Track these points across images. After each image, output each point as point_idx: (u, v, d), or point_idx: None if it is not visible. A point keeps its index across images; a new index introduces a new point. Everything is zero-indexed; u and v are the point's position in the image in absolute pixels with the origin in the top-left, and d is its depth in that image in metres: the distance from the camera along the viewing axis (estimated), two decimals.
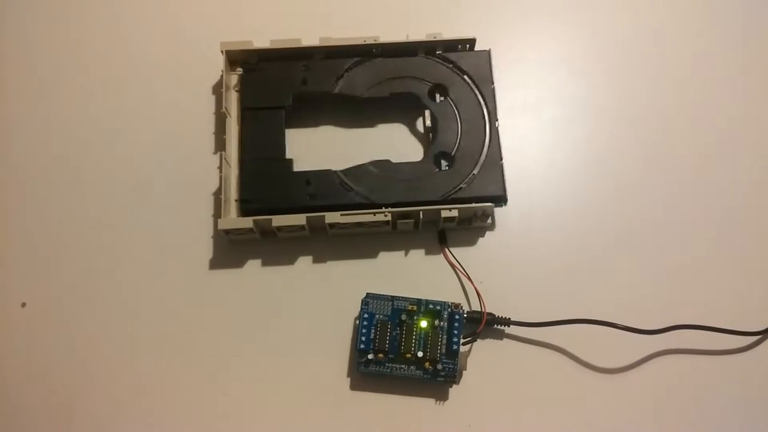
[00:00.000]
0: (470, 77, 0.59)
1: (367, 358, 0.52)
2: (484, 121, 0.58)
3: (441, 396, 0.53)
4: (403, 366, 0.52)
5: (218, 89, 0.61)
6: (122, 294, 0.56)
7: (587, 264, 0.57)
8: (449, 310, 0.53)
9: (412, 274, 0.57)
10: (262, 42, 0.59)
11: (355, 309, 0.54)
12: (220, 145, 0.58)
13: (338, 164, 0.57)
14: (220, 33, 0.61)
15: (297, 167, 0.57)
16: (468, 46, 0.60)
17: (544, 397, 0.54)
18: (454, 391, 0.53)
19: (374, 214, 0.55)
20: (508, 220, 0.58)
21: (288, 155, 0.57)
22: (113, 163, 0.60)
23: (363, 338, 0.52)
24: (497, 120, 0.58)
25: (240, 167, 0.57)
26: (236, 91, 0.60)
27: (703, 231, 0.59)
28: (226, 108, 0.58)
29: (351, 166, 0.56)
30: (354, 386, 0.53)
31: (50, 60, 0.63)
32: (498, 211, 0.57)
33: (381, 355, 0.52)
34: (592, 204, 0.59)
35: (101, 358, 0.54)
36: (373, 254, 0.58)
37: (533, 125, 0.61)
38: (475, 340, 0.54)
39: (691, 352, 0.55)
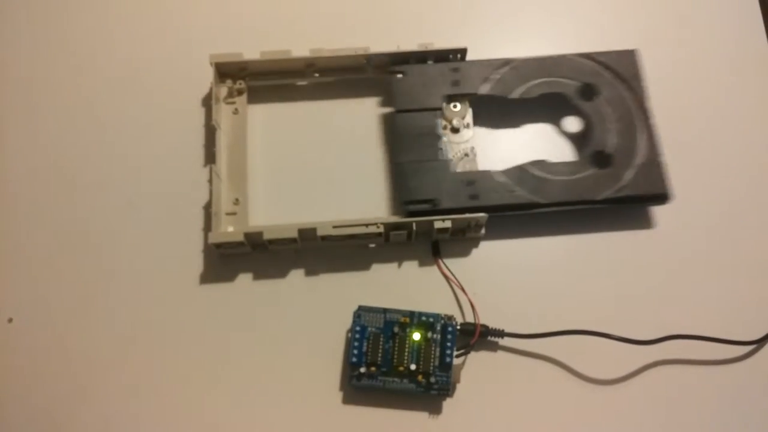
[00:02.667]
0: (619, 76, 0.61)
1: (360, 372, 0.52)
2: (638, 119, 0.59)
3: (434, 409, 0.54)
4: (395, 379, 0.52)
5: (208, 102, 0.62)
6: (111, 309, 0.56)
7: (581, 275, 0.58)
8: (442, 322, 0.54)
9: (406, 286, 0.58)
10: (251, 54, 0.60)
11: (348, 321, 0.54)
12: (210, 158, 0.59)
13: (490, 165, 0.58)
14: (209, 45, 0.62)
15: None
16: (459, 55, 0.61)
17: (539, 409, 0.54)
18: (447, 404, 0.54)
19: (366, 225, 0.55)
20: (502, 231, 0.59)
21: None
22: (101, 176, 0.60)
23: (355, 351, 0.53)
24: (651, 118, 0.59)
25: (396, 169, 0.58)
26: (226, 103, 0.61)
27: (698, 240, 0.60)
28: (216, 120, 0.58)
29: (510, 167, 0.58)
30: (346, 400, 0.54)
31: (38, 73, 0.64)
32: (490, 222, 0.58)
33: (373, 368, 0.52)
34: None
35: (90, 374, 0.55)
36: (365, 266, 0.58)
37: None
38: (469, 353, 0.54)
39: (686, 362, 0.55)
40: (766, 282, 0.59)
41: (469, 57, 0.61)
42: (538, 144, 0.62)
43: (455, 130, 0.60)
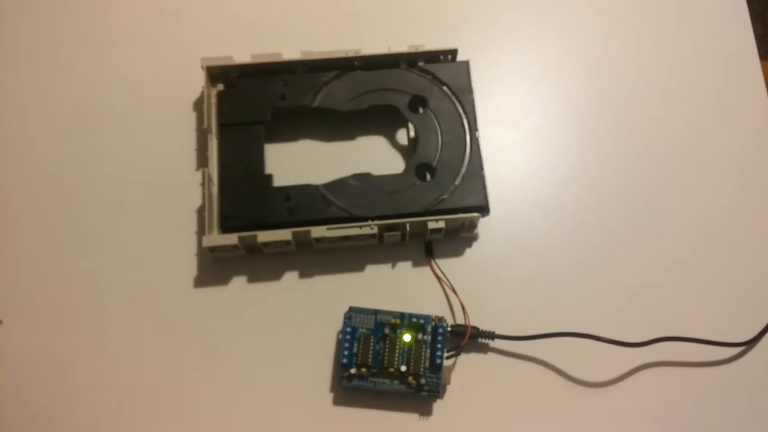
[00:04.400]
0: (449, 88, 0.61)
1: (350, 373, 0.53)
2: (465, 131, 0.60)
3: (425, 411, 0.55)
4: (386, 380, 0.54)
5: (199, 105, 0.63)
6: (104, 312, 0.57)
7: (571, 276, 0.59)
8: (433, 323, 0.55)
9: (399, 287, 0.59)
10: (242, 57, 0.60)
11: (341, 323, 0.55)
12: (203, 162, 0.60)
13: (319, 178, 0.58)
14: (200, 49, 0.62)
15: (277, 182, 0.59)
16: (450, 56, 0.62)
17: (529, 411, 0.55)
18: (437, 405, 0.55)
19: (360, 227, 0.56)
20: (492, 232, 0.60)
21: (268, 170, 0.59)
22: (94, 180, 0.61)
23: (345, 352, 0.54)
24: (477, 130, 0.60)
25: (219, 184, 0.58)
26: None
27: (687, 242, 0.61)
28: (208, 124, 0.59)
29: (332, 180, 0.58)
30: (337, 401, 0.55)
31: (30, 77, 0.64)
32: (482, 223, 0.59)
33: (364, 369, 0.53)
34: (576, 216, 0.61)
35: (81, 377, 0.56)
36: (359, 268, 0.59)
37: (515, 136, 0.63)
38: (459, 354, 0.56)
39: (677, 364, 0.56)
40: (756, 283, 0.59)
41: (459, 58, 0.62)
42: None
43: None
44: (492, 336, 0.55)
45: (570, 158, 0.63)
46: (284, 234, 0.56)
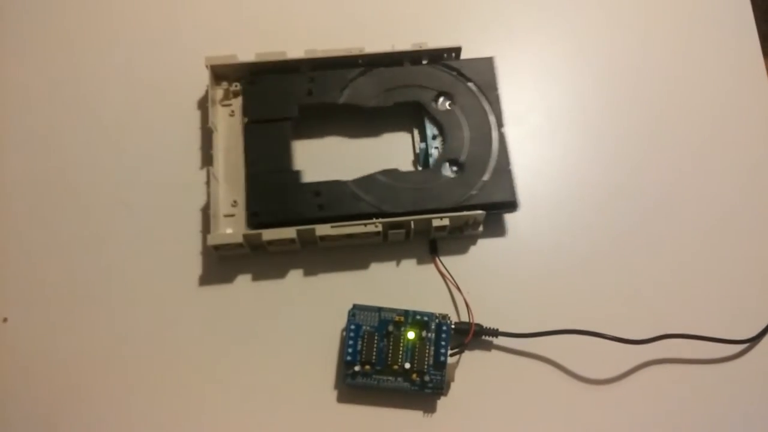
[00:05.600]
0: (475, 84, 0.62)
1: (354, 370, 0.54)
2: (491, 127, 0.61)
3: (429, 408, 0.55)
4: (390, 378, 0.54)
5: (204, 104, 0.63)
6: (109, 311, 0.58)
7: (575, 274, 0.60)
8: (437, 321, 0.55)
9: (404, 285, 0.59)
10: (247, 56, 0.61)
11: (345, 321, 0.56)
12: (207, 160, 0.61)
13: (346, 174, 0.59)
14: (204, 48, 0.63)
15: (305, 179, 0.59)
16: (453, 54, 0.63)
17: (533, 408, 0.56)
18: (441, 402, 0.55)
19: (365, 224, 0.57)
20: (497, 229, 0.61)
21: (295, 167, 0.60)
22: (99, 179, 0.62)
23: (350, 350, 0.54)
24: (503, 126, 0.60)
25: (247, 180, 0.59)
26: (222, 105, 0.62)
27: (691, 240, 0.61)
28: (212, 123, 0.60)
29: (359, 176, 0.59)
30: (341, 398, 0.56)
31: (36, 75, 0.65)
32: (486, 221, 0.60)
33: (368, 367, 0.54)
34: (580, 214, 0.62)
35: (86, 375, 0.56)
36: (364, 265, 0.60)
37: (518, 134, 0.63)
38: (463, 352, 0.56)
39: (680, 361, 0.57)
40: (759, 281, 0.60)
41: (463, 56, 0.63)
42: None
43: None
44: (496, 333, 0.56)
45: (573, 157, 0.64)
46: (289, 232, 0.56)
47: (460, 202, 0.58)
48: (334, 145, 0.63)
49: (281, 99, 0.61)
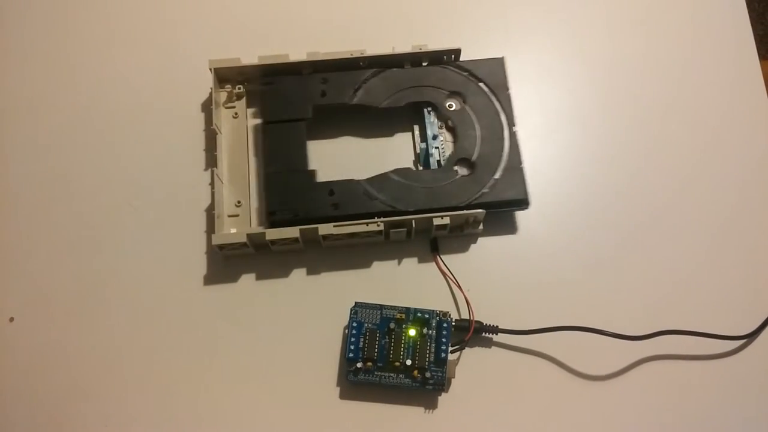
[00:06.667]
0: (486, 84, 0.63)
1: (356, 367, 0.55)
2: (503, 126, 0.62)
3: (430, 404, 0.56)
4: (391, 374, 0.55)
5: (208, 106, 0.64)
6: (115, 310, 0.59)
7: (574, 270, 0.61)
8: (437, 318, 0.56)
9: (405, 283, 0.60)
10: (249, 59, 0.62)
11: (347, 318, 0.57)
12: (212, 162, 0.62)
13: (359, 174, 0.60)
14: (208, 51, 0.65)
15: (320, 178, 0.60)
16: (453, 56, 0.64)
17: (533, 404, 0.57)
18: (442, 399, 0.56)
19: (367, 224, 0.58)
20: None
21: (310, 166, 0.61)
22: (104, 181, 0.63)
23: (351, 347, 0.55)
24: (515, 125, 0.62)
25: (265, 179, 0.60)
26: (226, 107, 0.64)
27: (689, 237, 0.62)
28: (216, 125, 0.61)
29: (372, 175, 0.60)
30: (343, 395, 0.57)
31: (41, 79, 0.66)
32: (498, 219, 0.61)
33: (369, 364, 0.55)
34: (579, 213, 0.63)
35: (92, 374, 0.57)
36: (366, 264, 0.61)
37: (520, 135, 0.64)
38: (464, 348, 0.57)
39: (678, 357, 0.58)
40: (756, 277, 0.61)
41: (462, 57, 0.64)
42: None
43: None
44: (495, 330, 0.57)
45: (572, 157, 0.65)
46: (292, 231, 0.57)
47: (472, 200, 0.59)
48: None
49: (296, 100, 0.62)
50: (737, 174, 0.64)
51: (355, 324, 0.56)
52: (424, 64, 0.64)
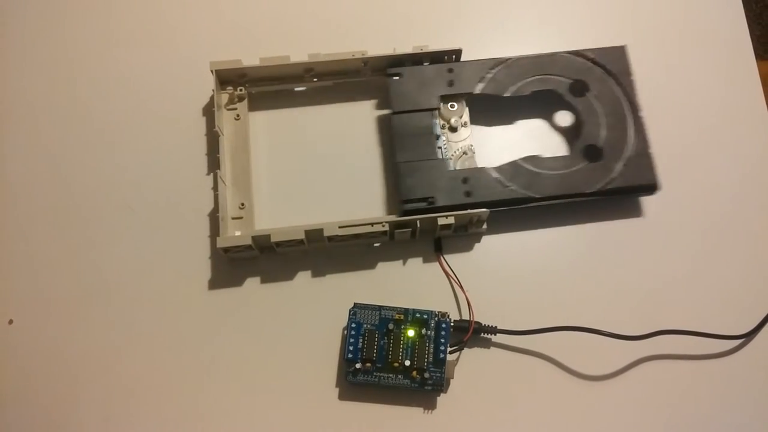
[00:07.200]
0: (609, 72, 0.64)
1: (355, 368, 0.56)
2: (627, 113, 0.63)
3: (429, 405, 0.57)
4: (390, 375, 0.56)
5: (209, 109, 0.65)
6: (118, 314, 0.59)
7: (572, 271, 0.61)
8: (436, 318, 0.57)
9: (410, 283, 0.61)
10: (251, 60, 0.63)
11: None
12: (214, 165, 0.62)
13: (484, 162, 0.62)
14: (209, 53, 0.65)
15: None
16: (454, 57, 0.64)
17: (531, 404, 0.57)
18: (441, 399, 0.57)
19: (372, 224, 0.58)
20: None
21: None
22: (106, 183, 0.63)
23: (350, 348, 0.56)
24: (640, 111, 0.62)
25: (397, 168, 0.61)
26: (228, 109, 0.64)
27: (686, 236, 0.62)
28: (218, 127, 0.61)
29: (499, 164, 0.61)
30: (342, 396, 0.57)
31: (39, 81, 0.67)
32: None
33: (368, 365, 0.56)
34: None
35: (93, 377, 0.58)
36: (371, 265, 0.61)
37: (514, 134, 0.65)
38: (462, 349, 0.58)
39: (676, 357, 0.58)
40: (753, 276, 0.61)
41: (463, 58, 0.64)
42: (531, 140, 0.65)
43: (453, 129, 0.63)
44: (494, 331, 0.57)
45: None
46: (297, 232, 0.58)
47: (603, 186, 0.60)
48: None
49: (425, 90, 0.63)
50: (735, 174, 0.64)
51: (353, 325, 0.57)
52: (425, 63, 0.64)
